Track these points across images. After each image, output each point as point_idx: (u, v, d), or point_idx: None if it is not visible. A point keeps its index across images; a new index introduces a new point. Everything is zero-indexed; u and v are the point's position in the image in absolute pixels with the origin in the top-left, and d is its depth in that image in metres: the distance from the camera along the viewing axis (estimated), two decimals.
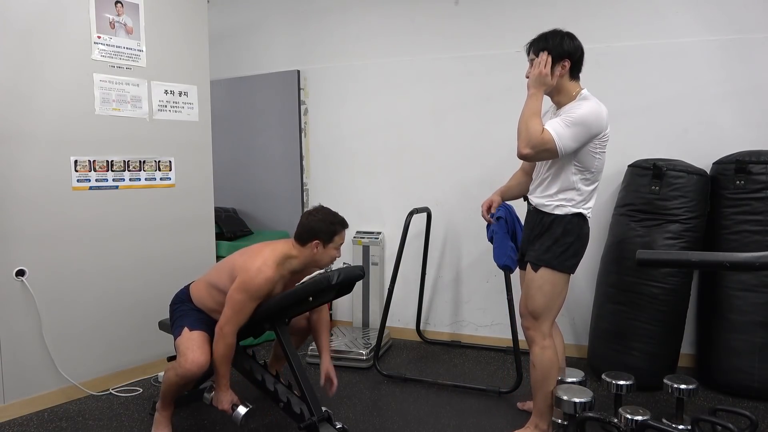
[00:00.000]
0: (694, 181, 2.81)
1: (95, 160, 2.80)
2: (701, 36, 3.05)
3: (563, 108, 2.17)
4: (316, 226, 2.25)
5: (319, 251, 2.25)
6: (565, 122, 2.07)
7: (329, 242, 2.25)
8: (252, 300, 2.19)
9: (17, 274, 2.57)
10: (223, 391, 2.27)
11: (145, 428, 2.46)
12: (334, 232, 2.26)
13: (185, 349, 2.22)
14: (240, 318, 2.20)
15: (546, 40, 2.14)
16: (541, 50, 2.13)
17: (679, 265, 2.56)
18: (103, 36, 2.79)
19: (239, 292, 2.18)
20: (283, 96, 3.95)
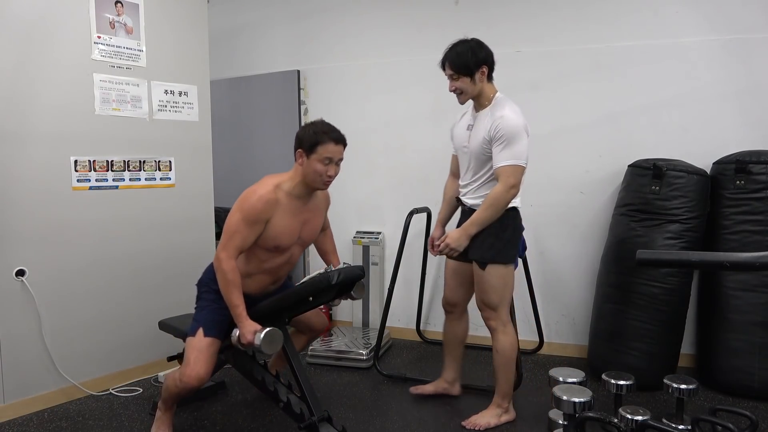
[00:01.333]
0: (694, 181, 2.81)
1: (95, 160, 2.80)
2: (701, 36, 3.05)
3: (482, 120, 2.37)
4: (300, 134, 2.14)
5: (304, 163, 2.11)
6: (503, 145, 2.27)
7: (311, 152, 2.09)
8: (247, 223, 2.07)
9: (17, 274, 2.57)
10: (242, 322, 2.07)
11: (146, 428, 2.45)
12: (317, 141, 2.08)
13: (191, 359, 2.13)
14: (235, 242, 2.07)
15: (458, 56, 2.32)
16: (459, 66, 2.32)
17: (679, 265, 2.57)
18: (103, 36, 2.79)
19: (233, 212, 2.09)
20: (283, 96, 3.95)
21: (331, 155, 2.10)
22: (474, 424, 2.46)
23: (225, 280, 2.08)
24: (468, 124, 2.46)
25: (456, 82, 2.37)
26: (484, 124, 2.35)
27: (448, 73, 2.38)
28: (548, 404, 2.41)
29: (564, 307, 3.44)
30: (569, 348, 3.42)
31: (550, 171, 3.39)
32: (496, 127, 2.29)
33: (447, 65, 2.38)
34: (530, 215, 3.31)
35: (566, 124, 3.34)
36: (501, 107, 2.34)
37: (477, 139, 2.37)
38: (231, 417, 2.60)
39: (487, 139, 2.32)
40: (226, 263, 2.08)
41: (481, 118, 2.39)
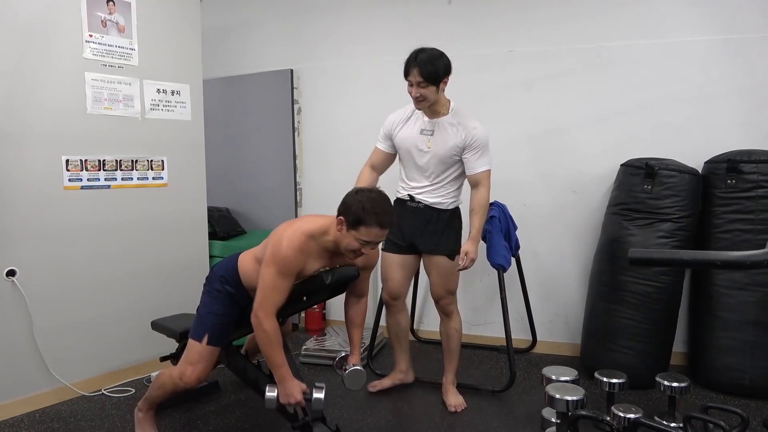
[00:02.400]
0: (686, 181, 2.83)
1: (87, 159, 2.79)
2: (694, 36, 3.07)
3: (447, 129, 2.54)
4: (350, 201, 1.98)
5: (342, 231, 1.98)
6: (480, 153, 2.56)
7: (352, 228, 1.95)
8: (282, 276, 1.96)
9: (8, 274, 2.55)
10: (289, 382, 2.01)
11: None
12: (361, 220, 1.92)
13: (194, 361, 2.14)
14: (273, 299, 1.98)
15: (433, 65, 2.42)
16: (431, 75, 2.41)
17: (671, 264, 2.58)
18: (95, 34, 2.77)
19: (267, 264, 1.97)
20: (277, 95, 3.94)
21: (372, 240, 1.98)
22: (457, 405, 2.66)
23: (267, 340, 1.99)
24: (422, 128, 2.58)
25: (422, 90, 2.45)
26: (452, 132, 2.53)
27: (417, 80, 2.43)
28: (541, 403, 2.42)
29: (557, 306, 3.45)
30: (562, 347, 3.44)
31: (543, 170, 3.40)
32: (472, 136, 2.52)
33: (416, 73, 2.43)
34: (523, 215, 3.34)
35: (559, 124, 3.35)
36: (468, 118, 2.57)
37: (445, 146, 2.54)
38: (224, 417, 2.59)
39: (460, 147, 2.53)
40: (267, 323, 1.98)
41: (444, 126, 2.55)
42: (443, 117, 2.56)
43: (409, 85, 2.48)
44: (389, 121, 2.67)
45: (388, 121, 2.68)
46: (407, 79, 2.48)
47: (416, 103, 2.53)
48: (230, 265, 2.21)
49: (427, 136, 2.57)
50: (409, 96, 2.51)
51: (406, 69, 2.48)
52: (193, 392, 2.73)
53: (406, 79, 2.49)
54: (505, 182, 3.46)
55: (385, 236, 2.04)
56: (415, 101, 2.51)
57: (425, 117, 2.59)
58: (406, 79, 2.49)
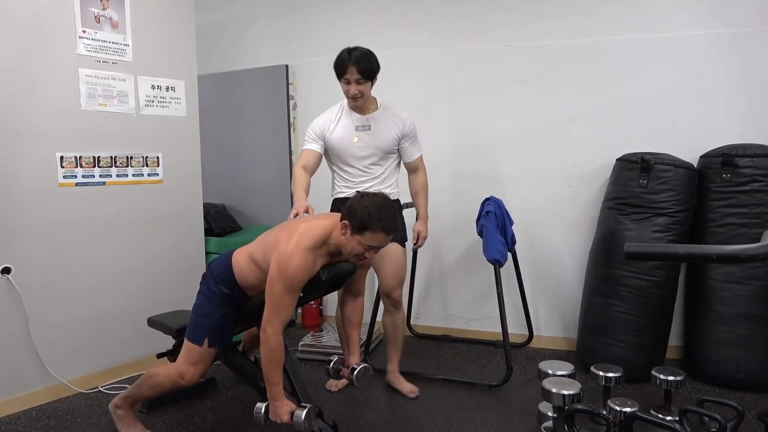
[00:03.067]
0: (681, 175, 2.83)
1: (81, 156, 2.78)
2: (689, 30, 3.07)
3: (384, 121, 2.64)
4: (355, 206, 1.98)
5: (346, 235, 1.99)
6: (414, 139, 2.74)
7: (356, 233, 1.96)
8: (290, 292, 1.97)
9: (3, 272, 2.55)
10: (279, 402, 2.02)
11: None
12: (367, 225, 1.94)
13: (196, 361, 2.17)
14: (282, 315, 1.98)
15: (369, 62, 2.52)
16: (367, 71, 2.51)
17: (667, 258, 2.58)
18: (88, 30, 2.76)
19: (273, 282, 1.96)
20: (272, 91, 3.94)
21: (376, 245, 2.00)
22: (414, 390, 2.75)
23: (271, 357, 1.99)
24: (357, 125, 2.63)
25: (361, 86, 2.53)
26: (390, 124, 2.64)
27: (356, 77, 2.50)
28: (538, 397, 2.43)
29: (553, 300, 3.46)
30: (558, 341, 3.45)
31: (539, 165, 3.40)
32: (408, 125, 2.69)
33: (354, 70, 2.49)
34: (519, 209, 3.35)
35: (554, 119, 3.35)
36: (398, 109, 2.71)
37: (386, 138, 2.64)
38: (221, 413, 2.60)
39: (399, 137, 2.66)
40: (274, 340, 1.98)
41: (379, 119, 2.64)
42: (375, 112, 2.66)
43: (346, 83, 2.54)
44: (320, 123, 2.66)
45: (318, 123, 2.67)
46: (344, 77, 2.53)
47: (353, 101, 2.58)
48: (225, 263, 2.20)
49: (364, 131, 2.63)
50: (345, 95, 2.58)
51: (341, 68, 2.52)
52: (190, 388, 2.73)
53: (341, 78, 2.54)
54: (501, 177, 3.48)
55: (388, 242, 2.05)
56: (352, 99, 2.57)
57: (356, 114, 2.64)
58: (343, 78, 2.53)
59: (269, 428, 2.16)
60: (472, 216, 3.21)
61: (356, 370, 2.24)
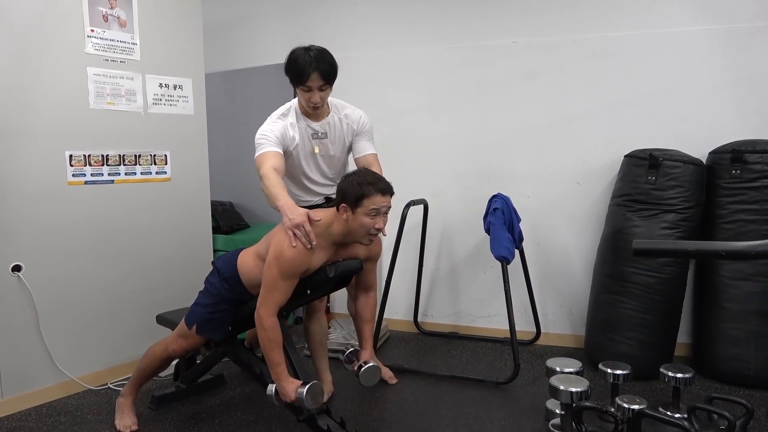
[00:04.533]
0: (690, 171, 2.82)
1: (90, 154, 2.80)
2: (697, 26, 3.06)
3: (337, 125, 2.48)
4: (343, 185, 2.01)
5: (349, 218, 1.99)
6: (369, 136, 2.55)
7: (357, 206, 1.96)
8: (284, 277, 1.98)
9: (13, 270, 2.57)
10: (284, 381, 2.03)
11: (144, 422, 2.47)
12: (362, 194, 1.95)
13: (181, 338, 2.33)
14: (275, 298, 1.99)
15: (332, 64, 2.29)
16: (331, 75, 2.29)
17: (676, 255, 2.58)
18: (97, 29, 2.77)
19: (269, 266, 1.99)
20: (279, 88, 3.91)
21: (378, 207, 1.98)
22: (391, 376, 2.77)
23: (266, 339, 2.01)
24: (313, 133, 2.43)
25: (323, 93, 2.30)
26: (344, 127, 2.49)
27: (319, 84, 2.26)
28: (546, 394, 2.41)
29: (561, 297, 3.46)
30: (566, 338, 3.45)
31: (547, 162, 3.40)
32: (362, 124, 2.51)
33: (318, 76, 2.24)
34: (527, 206, 3.35)
35: (562, 115, 3.35)
36: (348, 107, 2.51)
37: (343, 143, 2.51)
38: (230, 410, 2.62)
39: (351, 138, 2.52)
40: (267, 320, 2.00)
41: (335, 124, 2.47)
42: (329, 116, 2.44)
43: (307, 90, 2.27)
44: (279, 128, 2.35)
45: (277, 128, 2.35)
46: (305, 84, 2.26)
47: (313, 109, 2.35)
48: (231, 263, 2.24)
49: (321, 139, 2.45)
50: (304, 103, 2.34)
51: (301, 73, 2.24)
52: (199, 385, 2.78)
53: (301, 84, 2.27)
54: (508, 174, 3.47)
55: (389, 203, 2.04)
56: (313, 107, 2.33)
57: (309, 120, 2.42)
58: (303, 84, 2.26)
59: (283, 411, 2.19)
60: (479, 213, 3.21)
61: (363, 368, 2.24)
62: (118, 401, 2.48)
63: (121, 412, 2.45)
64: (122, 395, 2.48)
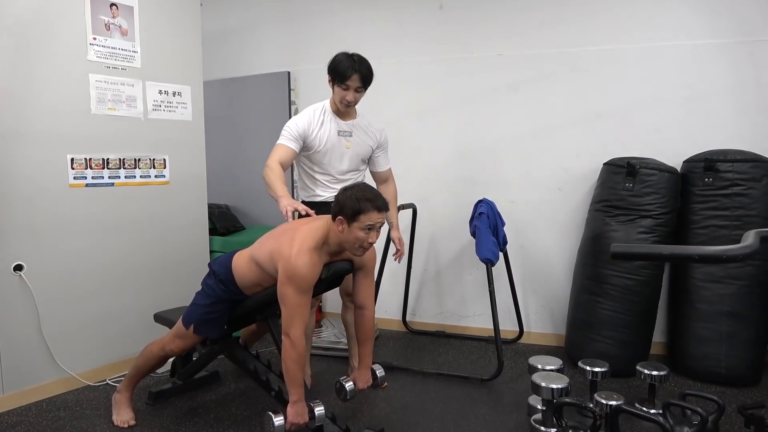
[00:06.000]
0: (666, 179, 2.93)
1: (91, 158, 2.86)
2: (673, 40, 3.17)
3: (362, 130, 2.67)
4: (341, 199, 2.04)
5: (344, 231, 2.03)
6: (386, 151, 2.79)
7: (353, 221, 2.00)
8: (301, 293, 2.00)
9: (15, 269, 2.61)
10: (301, 403, 2.06)
11: (142, 417, 2.52)
12: (359, 210, 1.99)
13: (180, 338, 2.37)
14: (301, 316, 2.01)
15: (370, 71, 2.52)
16: (369, 80, 2.52)
17: (652, 258, 2.60)
18: (99, 37, 2.84)
19: (285, 288, 2.01)
20: (274, 96, 4.01)
21: (373, 223, 2.02)
22: None
23: (297, 359, 2.03)
24: (339, 130, 2.61)
25: (358, 95, 2.53)
26: (369, 133, 2.69)
27: (356, 85, 2.48)
28: (528, 390, 2.50)
29: (543, 298, 3.55)
30: (548, 337, 3.54)
31: (530, 169, 3.49)
32: (384, 137, 2.75)
33: (358, 78, 2.46)
34: (511, 211, 3.43)
35: (545, 125, 3.44)
36: (373, 120, 2.74)
37: (364, 145, 2.68)
38: (224, 405, 2.67)
39: (374, 147, 2.72)
40: (299, 342, 2.02)
41: (361, 127, 2.67)
42: (356, 119, 2.66)
43: (345, 89, 2.48)
44: (303, 123, 2.56)
45: (302, 123, 2.56)
46: (345, 83, 2.46)
47: (345, 107, 2.56)
48: (225, 264, 2.28)
49: (346, 137, 2.62)
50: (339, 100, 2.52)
51: (343, 73, 2.45)
52: (194, 381, 2.83)
53: (341, 83, 2.47)
54: (494, 180, 3.55)
55: (383, 220, 2.08)
56: (346, 105, 2.54)
57: (338, 119, 2.61)
58: (344, 83, 2.46)
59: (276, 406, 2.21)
60: (465, 217, 3.29)
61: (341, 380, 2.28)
62: (115, 397, 2.52)
63: (118, 407, 2.49)
64: (119, 391, 2.52)
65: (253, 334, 2.77)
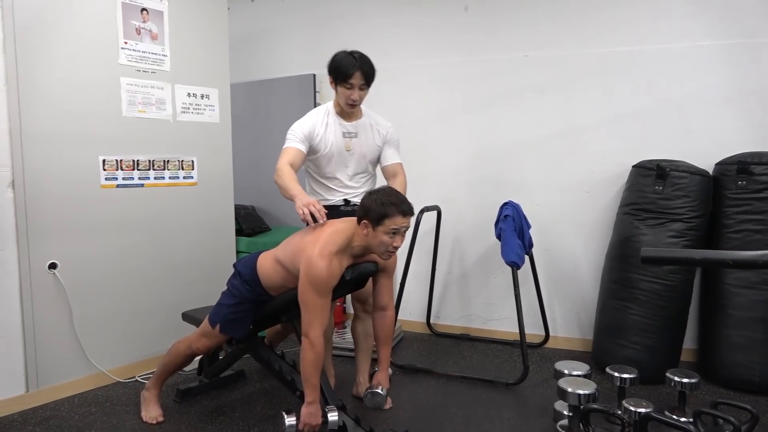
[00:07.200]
0: (697, 182, 2.87)
1: (122, 159, 2.93)
2: (704, 40, 3.11)
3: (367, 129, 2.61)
4: (367, 203, 2.06)
5: (369, 234, 2.05)
6: (395, 146, 2.70)
7: (378, 224, 2.02)
8: (321, 295, 2.03)
9: (50, 267, 2.69)
10: (316, 405, 2.09)
11: (169, 414, 2.57)
12: (385, 214, 2.01)
13: (206, 337, 2.41)
14: (321, 318, 2.04)
15: (372, 67, 2.47)
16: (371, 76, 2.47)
17: (683, 263, 2.56)
18: (130, 42, 2.91)
19: (304, 290, 2.03)
20: (300, 98, 4.05)
21: (398, 227, 2.04)
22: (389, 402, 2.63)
23: (314, 360, 2.05)
24: (344, 132, 2.55)
25: (362, 92, 2.47)
26: (373, 131, 2.62)
27: (360, 83, 2.42)
28: (553, 396, 2.48)
29: (569, 302, 3.51)
30: (574, 342, 3.50)
31: (556, 171, 3.46)
32: (390, 133, 2.66)
33: (360, 75, 2.41)
34: (536, 213, 3.41)
35: (571, 126, 3.41)
36: (378, 116, 2.67)
37: (370, 145, 2.61)
38: (250, 404, 2.70)
39: (380, 145, 2.64)
40: (318, 342, 2.04)
41: (366, 127, 2.60)
42: (361, 119, 2.59)
43: (348, 88, 2.42)
44: (309, 125, 2.50)
45: (307, 125, 2.50)
46: (348, 81, 2.41)
47: (350, 107, 2.49)
48: (250, 265, 2.32)
49: (351, 138, 2.56)
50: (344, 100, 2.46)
51: (346, 72, 2.39)
52: (220, 380, 2.88)
53: (344, 82, 2.42)
54: (519, 182, 3.53)
55: (408, 224, 2.08)
56: (351, 104, 2.48)
57: (342, 120, 2.55)
58: (347, 82, 2.41)
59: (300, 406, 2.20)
60: (490, 219, 3.28)
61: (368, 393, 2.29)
62: (144, 394, 2.58)
63: (146, 404, 2.55)
64: (147, 389, 2.58)
65: (278, 334, 2.81)
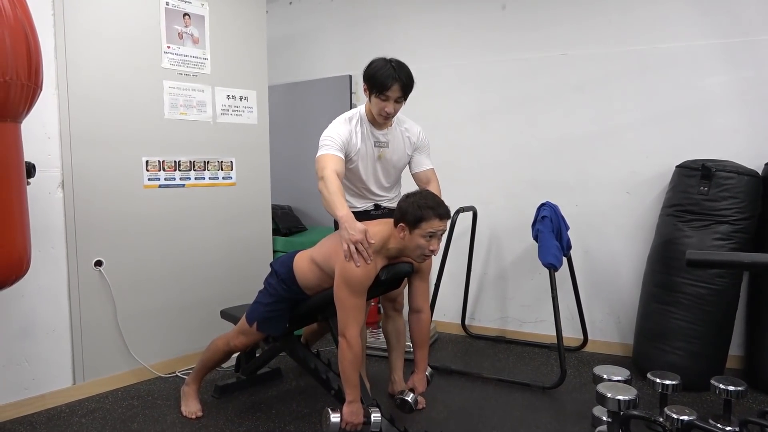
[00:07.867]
0: (745, 182, 2.78)
1: (164, 160, 3.01)
2: (750, 36, 3.00)
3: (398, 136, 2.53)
4: (404, 206, 2.06)
5: (406, 237, 2.05)
6: (427, 152, 2.63)
7: (414, 228, 2.02)
8: (356, 295, 2.04)
9: (96, 265, 2.79)
10: (357, 404, 2.09)
11: (208, 410, 2.63)
12: (421, 217, 2.00)
13: (244, 333, 2.45)
14: (357, 318, 2.05)
15: (412, 80, 2.36)
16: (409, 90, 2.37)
17: (731, 266, 2.51)
18: (172, 46, 3.00)
19: (340, 290, 2.05)
20: (336, 99, 4.08)
21: (434, 230, 2.03)
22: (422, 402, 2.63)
23: (353, 360, 2.05)
24: (375, 141, 2.48)
25: (398, 105, 2.36)
26: (404, 139, 2.54)
27: (397, 95, 2.30)
28: (592, 401, 2.43)
29: (608, 305, 3.44)
30: (613, 346, 3.43)
31: (596, 172, 3.40)
32: (421, 139, 2.58)
33: (398, 87, 2.29)
34: (575, 215, 3.36)
35: (612, 125, 3.34)
36: (409, 122, 2.59)
37: (400, 155, 2.56)
38: (285, 402, 2.74)
39: (411, 152, 2.57)
40: (355, 342, 2.04)
41: (397, 135, 2.53)
42: (391, 127, 2.51)
43: (384, 100, 2.30)
44: (345, 133, 2.38)
45: (343, 132, 2.37)
46: (385, 93, 2.28)
47: (384, 119, 2.39)
48: (287, 264, 2.34)
49: (383, 147, 2.50)
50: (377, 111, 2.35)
51: (383, 83, 2.27)
52: (257, 378, 2.93)
53: (380, 93, 2.29)
54: (557, 183, 3.49)
55: (445, 228, 2.07)
56: (385, 117, 2.37)
57: (374, 129, 2.47)
58: (382, 93, 2.29)
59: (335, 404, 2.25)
60: (527, 220, 3.24)
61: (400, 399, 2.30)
62: (183, 389, 2.65)
63: (186, 399, 2.62)
64: (187, 384, 2.65)
65: (314, 333, 2.84)
